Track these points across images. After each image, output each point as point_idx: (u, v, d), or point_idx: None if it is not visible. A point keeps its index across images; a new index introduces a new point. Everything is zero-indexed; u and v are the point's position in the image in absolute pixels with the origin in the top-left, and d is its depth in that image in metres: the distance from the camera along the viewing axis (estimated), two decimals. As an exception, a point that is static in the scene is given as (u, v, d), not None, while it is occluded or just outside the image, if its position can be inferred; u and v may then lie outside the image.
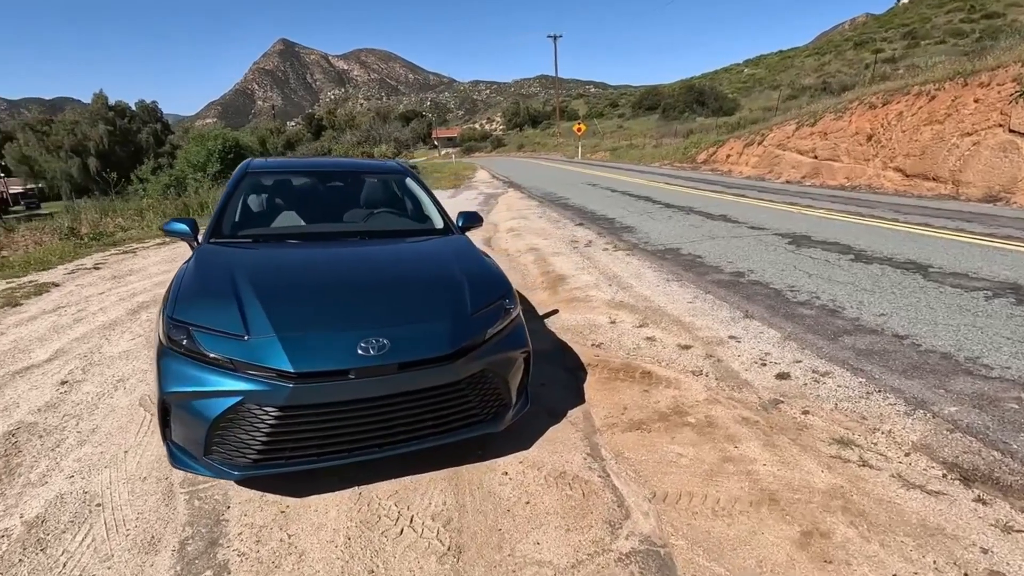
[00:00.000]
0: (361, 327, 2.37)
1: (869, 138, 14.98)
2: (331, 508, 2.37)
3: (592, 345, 4.29)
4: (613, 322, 4.77)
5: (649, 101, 70.51)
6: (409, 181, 4.24)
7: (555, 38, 57.36)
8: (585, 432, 3.02)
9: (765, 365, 3.76)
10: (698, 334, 4.38)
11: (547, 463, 2.72)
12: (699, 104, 55.03)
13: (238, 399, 2.16)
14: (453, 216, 4.02)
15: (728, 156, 23.05)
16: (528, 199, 14.95)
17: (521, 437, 2.94)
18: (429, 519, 2.30)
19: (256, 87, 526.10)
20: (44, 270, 7.22)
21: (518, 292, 5.80)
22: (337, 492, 2.46)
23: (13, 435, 2.97)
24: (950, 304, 4.65)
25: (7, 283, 6.48)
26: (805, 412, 3.14)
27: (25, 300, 5.70)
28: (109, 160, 43.09)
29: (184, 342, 2.28)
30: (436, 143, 76.15)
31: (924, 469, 2.58)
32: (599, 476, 2.62)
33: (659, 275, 6.21)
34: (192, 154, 23.51)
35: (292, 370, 2.17)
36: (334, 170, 4.50)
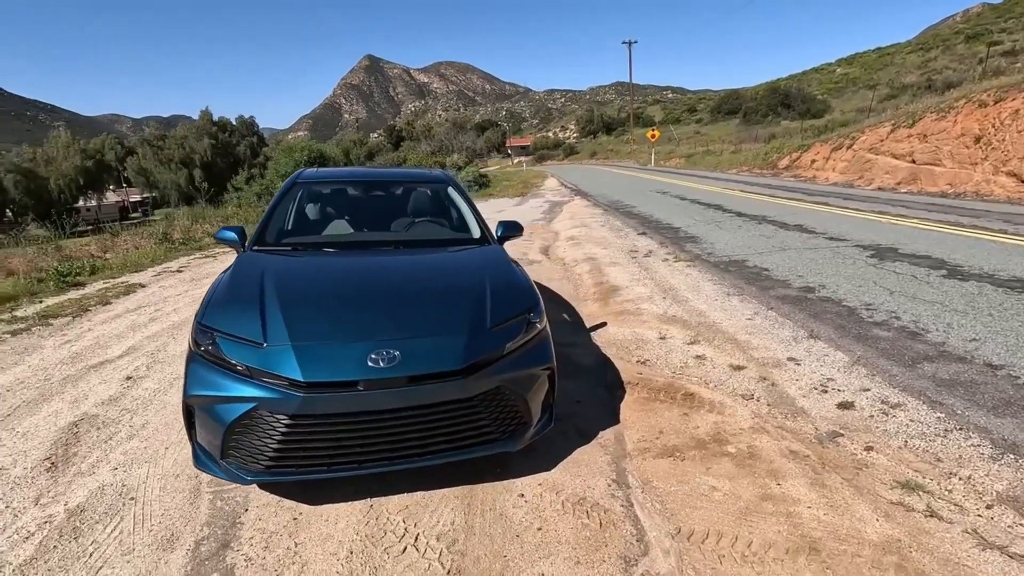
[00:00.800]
0: (374, 338, 2.35)
1: (977, 140, 13.47)
2: (341, 519, 2.36)
3: (637, 362, 4.08)
4: (663, 338, 4.52)
5: (729, 105, 67.71)
6: (450, 190, 4.24)
7: (630, 44, 56.48)
8: (614, 456, 2.85)
9: (826, 392, 3.40)
10: (753, 354, 4.05)
11: (567, 487, 2.57)
12: (784, 107, 52.12)
13: (252, 405, 2.20)
14: (493, 225, 3.96)
15: (813, 161, 21.60)
16: (593, 207, 14.71)
17: (545, 457, 2.81)
18: (434, 539, 2.23)
19: (343, 101, 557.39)
20: (136, 272, 7.92)
21: (568, 304, 5.68)
22: (350, 503, 2.45)
23: (76, 425, 3.22)
24: (1063, 330, 4.02)
25: (104, 283, 7.16)
26: (868, 448, 2.79)
27: (115, 299, 6.26)
28: (211, 171, 47.06)
29: (209, 347, 2.36)
30: (509, 152, 77.04)
31: (1009, 527, 2.20)
32: (622, 505, 2.44)
33: (719, 288, 5.85)
34: (281, 165, 25.23)
35: (302, 379, 2.19)
36: (377, 180, 4.59)
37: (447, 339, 2.42)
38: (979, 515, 2.27)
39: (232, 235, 3.47)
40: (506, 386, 2.46)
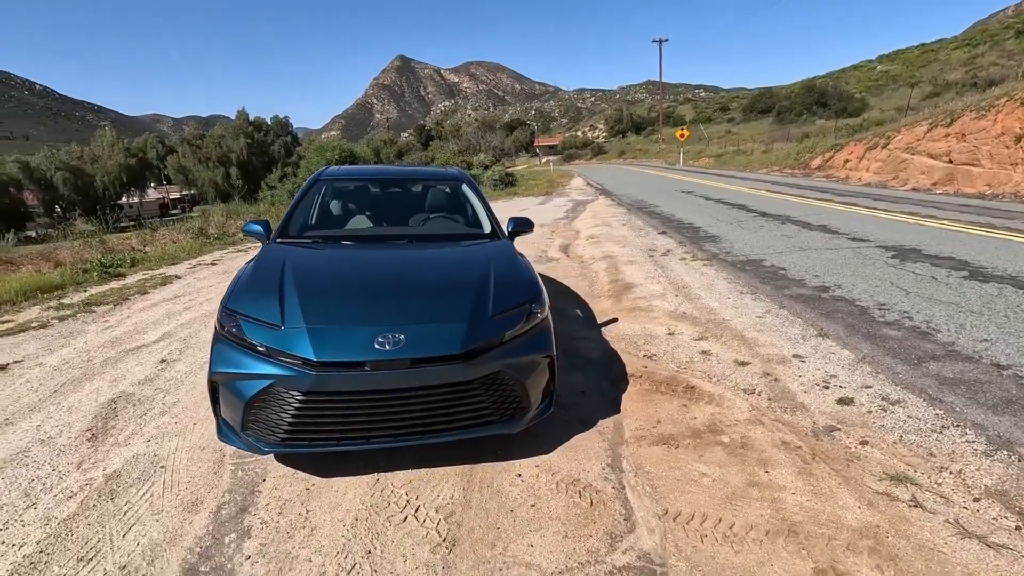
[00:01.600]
0: (381, 323, 2.53)
1: (1018, 139, 13.02)
2: (350, 490, 2.54)
3: (643, 356, 4.17)
4: (671, 333, 4.60)
5: (762, 104, 66.35)
6: (464, 188, 4.41)
7: (660, 42, 55.91)
8: (611, 443, 2.96)
9: (828, 388, 3.45)
10: (759, 351, 4.11)
11: (563, 469, 2.71)
12: (820, 105, 50.82)
13: (270, 382, 2.40)
14: (504, 221, 4.11)
15: (846, 161, 21.10)
16: (616, 206, 14.73)
17: (545, 441, 2.95)
18: (433, 510, 2.39)
19: (375, 101, 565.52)
20: (173, 264, 8.34)
21: (583, 300, 5.79)
22: (358, 476, 2.64)
23: (114, 402, 3.50)
24: (1081, 332, 3.96)
25: (143, 274, 7.57)
26: (863, 442, 2.84)
27: (152, 289, 6.63)
28: (246, 169, 48.45)
29: (232, 329, 2.58)
30: (538, 151, 77.11)
31: (993, 519, 2.24)
32: (613, 487, 2.56)
33: (732, 287, 5.87)
34: (312, 163, 25.88)
35: (315, 358, 2.38)
36: (395, 177, 4.79)
37: (450, 325, 2.58)
38: (964, 507, 2.32)
39: (258, 228, 3.70)
40: (505, 371, 2.61)
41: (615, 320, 5.08)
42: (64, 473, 2.72)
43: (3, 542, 2.22)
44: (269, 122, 60.52)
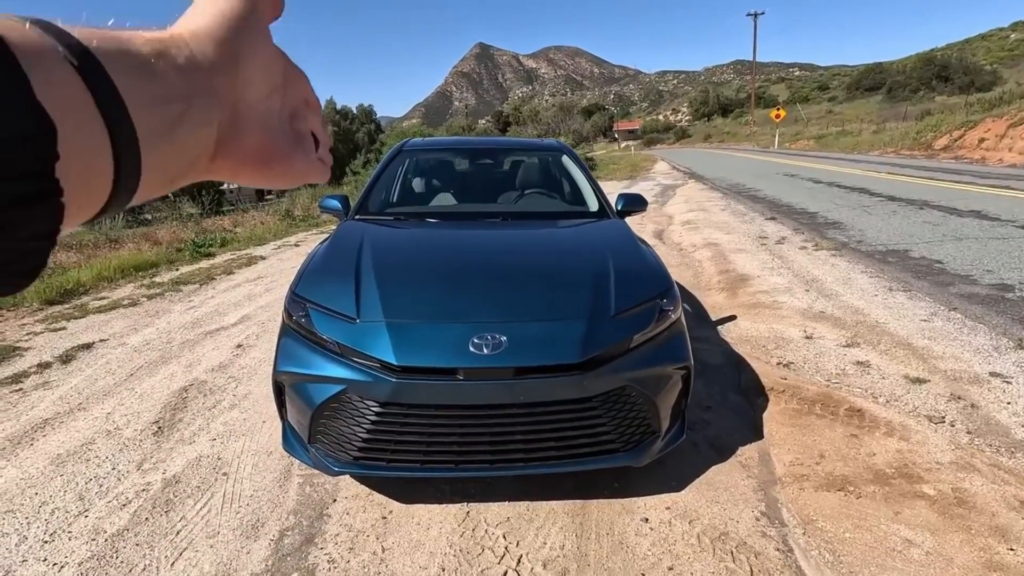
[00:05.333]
0: (478, 320, 2.00)
1: None
2: (434, 524, 2.05)
3: (778, 364, 3.42)
4: (808, 337, 3.79)
5: (869, 81, 60.40)
6: (566, 159, 3.80)
7: (755, 16, 52.03)
8: (760, 481, 2.29)
9: (1057, 422, 2.56)
10: (938, 365, 3.23)
11: (703, 516, 2.08)
12: (941, 80, 45.41)
13: (341, 388, 1.95)
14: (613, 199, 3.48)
15: (982, 140, 18.42)
16: (710, 191, 13.54)
17: (671, 473, 2.33)
18: (540, 565, 1.84)
19: (454, 89, 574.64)
20: (259, 245, 8.36)
21: (688, 292, 5.04)
22: (444, 505, 2.14)
23: (185, 391, 3.24)
24: None
25: (231, 255, 7.60)
26: None
27: (237, 270, 6.57)
28: (333, 156, 50.44)
29: (301, 319, 2.15)
30: (616, 136, 74.79)
31: None
32: (777, 549, 1.90)
33: (877, 282, 4.89)
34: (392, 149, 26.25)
35: (395, 363, 1.89)
36: (486, 148, 4.26)
37: (563, 325, 2.01)
38: None
39: (335, 203, 3.30)
40: (632, 387, 2.01)
41: (733, 318, 4.32)
42: (123, 474, 2.43)
43: (45, 559, 1.92)
44: (355, 110, 62.64)
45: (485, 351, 1.89)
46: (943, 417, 2.70)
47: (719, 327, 4.13)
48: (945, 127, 22.19)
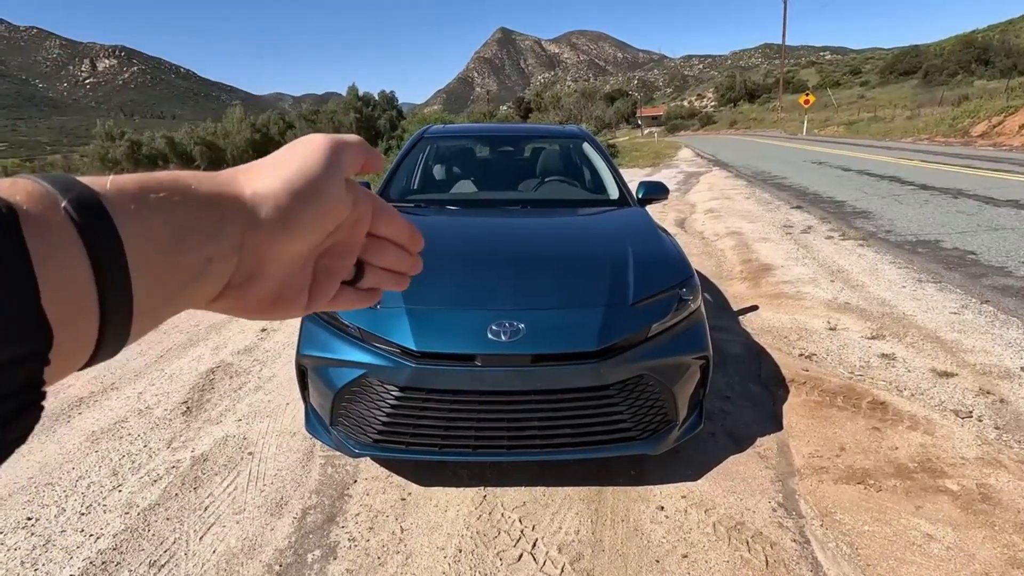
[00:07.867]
0: (496, 307, 2.02)
1: None
2: (451, 506, 2.09)
3: (800, 355, 3.38)
4: (832, 328, 3.73)
5: (904, 65, 58.31)
6: (586, 146, 3.77)
7: (786, -3, 50.50)
8: (779, 472, 2.28)
9: (1090, 420, 2.49)
10: (967, 359, 3.15)
11: (719, 505, 2.08)
12: (981, 63, 43.60)
13: (362, 372, 1.99)
14: (633, 187, 3.45)
15: (1022, 127, 17.70)
16: (735, 178, 13.29)
17: (688, 462, 2.33)
18: (555, 549, 1.87)
19: (475, 75, 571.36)
20: (283, 231, 8.52)
21: (710, 282, 4.99)
22: (462, 489, 2.18)
23: (212, 372, 3.34)
24: None
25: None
26: None
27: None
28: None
29: (323, 304, 2.19)
30: (640, 122, 73.66)
31: None
32: (794, 540, 1.90)
33: (905, 273, 4.78)
34: (413, 135, 26.30)
35: (415, 348, 1.92)
36: (507, 135, 4.24)
37: (581, 313, 2.02)
38: None
39: (356, 189, 3.33)
40: (650, 375, 2.01)
41: (755, 308, 4.26)
42: (154, 451, 2.52)
43: (82, 530, 2.01)
44: (377, 97, 62.79)
45: (503, 338, 1.91)
46: (970, 412, 2.64)
47: (740, 317, 4.09)
48: (983, 113, 21.36)
